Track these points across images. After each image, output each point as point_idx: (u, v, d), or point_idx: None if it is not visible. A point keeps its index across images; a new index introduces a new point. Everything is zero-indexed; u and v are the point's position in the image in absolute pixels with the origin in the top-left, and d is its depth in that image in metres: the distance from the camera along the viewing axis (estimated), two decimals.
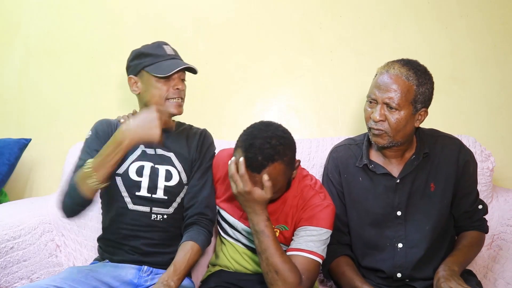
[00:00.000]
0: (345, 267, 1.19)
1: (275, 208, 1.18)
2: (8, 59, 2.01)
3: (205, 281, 1.29)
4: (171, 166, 1.28)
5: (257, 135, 1.04)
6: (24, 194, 1.99)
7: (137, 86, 1.27)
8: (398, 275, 1.17)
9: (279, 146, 1.03)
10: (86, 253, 1.56)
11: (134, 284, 1.20)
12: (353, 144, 1.31)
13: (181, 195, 1.29)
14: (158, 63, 1.24)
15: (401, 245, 1.18)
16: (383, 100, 1.12)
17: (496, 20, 1.73)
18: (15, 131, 1.98)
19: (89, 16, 1.94)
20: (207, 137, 1.38)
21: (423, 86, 1.12)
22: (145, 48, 1.28)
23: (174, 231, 1.28)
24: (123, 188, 1.24)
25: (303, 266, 1.05)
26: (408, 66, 1.13)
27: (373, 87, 1.16)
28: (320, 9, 1.81)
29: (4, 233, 1.32)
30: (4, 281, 1.30)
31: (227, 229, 1.30)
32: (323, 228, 1.10)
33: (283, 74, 1.83)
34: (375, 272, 1.21)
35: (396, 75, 1.12)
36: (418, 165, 1.19)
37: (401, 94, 1.10)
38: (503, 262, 1.27)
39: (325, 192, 1.19)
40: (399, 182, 1.19)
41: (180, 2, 1.89)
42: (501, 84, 1.72)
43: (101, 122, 1.31)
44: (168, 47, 1.30)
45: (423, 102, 1.13)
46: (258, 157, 1.01)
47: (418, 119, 1.15)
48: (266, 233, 1.03)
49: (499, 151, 1.67)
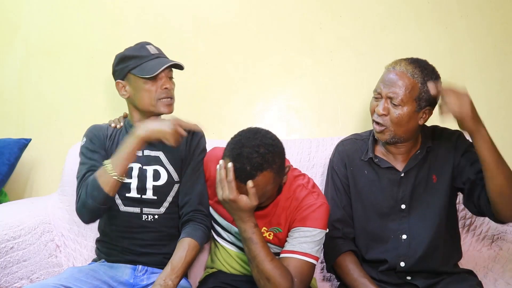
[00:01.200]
0: (350, 265, 1.20)
1: (268, 211, 1.17)
2: (8, 59, 2.01)
3: (203, 282, 1.29)
4: (159, 166, 1.27)
5: (245, 144, 1.01)
6: (24, 194, 1.99)
7: (125, 90, 1.26)
8: (401, 264, 1.18)
9: (268, 154, 1.00)
10: (86, 253, 1.56)
11: (130, 284, 1.20)
12: (359, 139, 1.33)
13: (172, 194, 1.28)
14: (143, 64, 1.22)
15: (405, 237, 1.19)
16: (387, 95, 1.15)
17: (496, 20, 1.73)
18: (15, 131, 1.98)
19: (89, 16, 1.94)
20: (196, 131, 1.35)
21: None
22: (128, 51, 1.26)
23: (167, 230, 1.27)
24: None
25: (296, 269, 1.04)
26: (415, 64, 1.15)
27: (379, 82, 1.19)
28: (320, 9, 1.81)
29: (4, 233, 1.32)
30: (4, 281, 1.30)
31: (221, 232, 1.29)
32: (316, 228, 1.09)
33: (283, 74, 1.83)
34: (378, 264, 1.22)
35: (402, 71, 1.14)
36: (421, 159, 1.21)
37: (405, 90, 1.12)
38: (503, 262, 1.28)
39: (318, 191, 1.18)
40: (403, 176, 1.21)
41: (180, 2, 1.88)
42: (501, 84, 1.72)
43: (93, 127, 1.33)
44: (151, 46, 1.28)
45: (427, 101, 1.14)
46: (247, 167, 0.98)
47: (422, 117, 1.16)
48: (254, 240, 1.01)
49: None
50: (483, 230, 1.43)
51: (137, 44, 1.29)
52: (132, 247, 1.24)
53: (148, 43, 1.29)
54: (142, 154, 1.28)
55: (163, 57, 1.28)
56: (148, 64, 1.22)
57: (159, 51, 1.29)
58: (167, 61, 1.24)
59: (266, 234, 1.18)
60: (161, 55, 1.28)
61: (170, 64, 1.23)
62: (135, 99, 1.26)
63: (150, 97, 1.23)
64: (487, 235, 1.41)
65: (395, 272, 1.20)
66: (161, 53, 1.29)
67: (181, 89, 1.87)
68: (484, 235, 1.42)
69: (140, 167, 1.26)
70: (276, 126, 1.84)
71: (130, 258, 1.24)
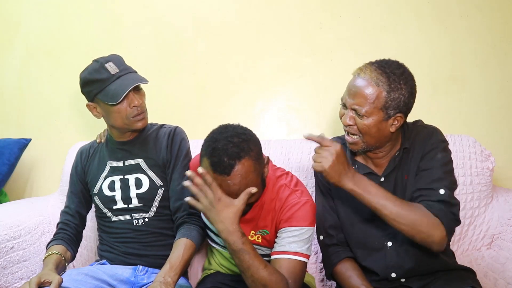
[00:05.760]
0: (347, 272, 1.17)
1: (253, 215, 1.16)
2: (8, 59, 2.01)
3: (201, 282, 1.29)
4: (141, 173, 1.29)
5: (217, 138, 1.00)
6: (24, 194, 1.99)
7: (97, 111, 1.26)
8: (392, 275, 1.15)
9: (242, 143, 0.99)
10: (86, 254, 1.56)
11: (131, 282, 1.22)
12: (340, 143, 1.29)
13: (158, 199, 1.29)
14: (106, 88, 1.18)
15: (391, 244, 1.16)
16: (351, 106, 1.10)
17: (496, 20, 1.73)
18: (15, 131, 1.98)
19: (89, 16, 1.94)
20: (177, 134, 1.33)
21: (396, 91, 1.06)
22: (90, 74, 1.20)
23: (160, 231, 1.29)
24: (102, 205, 1.31)
25: (288, 269, 1.04)
26: (381, 70, 1.08)
27: (346, 90, 1.14)
28: (320, 9, 1.81)
29: (4, 233, 1.33)
30: (4, 281, 1.30)
31: (213, 237, 1.29)
32: (303, 227, 1.08)
33: (283, 74, 1.83)
34: (369, 274, 1.19)
35: (366, 80, 1.08)
36: (399, 161, 1.17)
37: (368, 101, 1.06)
38: (503, 262, 1.27)
39: (301, 188, 1.16)
40: (383, 181, 1.17)
41: (180, 2, 1.88)
42: (501, 84, 1.72)
43: (79, 152, 1.40)
44: (111, 63, 1.20)
45: (396, 108, 1.07)
46: (224, 158, 0.97)
47: (394, 124, 1.10)
48: (245, 250, 0.98)
49: (499, 151, 1.67)
50: (483, 230, 1.43)
51: (97, 62, 1.21)
52: (130, 250, 1.27)
53: (107, 60, 1.21)
54: (123, 164, 1.30)
55: (124, 74, 1.21)
56: (111, 88, 1.18)
57: (120, 67, 1.21)
58: (128, 83, 1.19)
59: (254, 237, 1.18)
60: (122, 72, 1.20)
61: (132, 87, 1.18)
62: (108, 120, 1.26)
63: (122, 117, 1.22)
64: (487, 235, 1.41)
65: (388, 281, 1.17)
66: (122, 69, 1.21)
67: (181, 89, 1.88)
68: (484, 234, 1.42)
69: (122, 178, 1.29)
70: (276, 126, 1.84)
71: (128, 261, 1.27)
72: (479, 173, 1.45)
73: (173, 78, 1.88)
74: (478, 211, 1.44)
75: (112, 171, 1.31)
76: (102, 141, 1.38)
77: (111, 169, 1.31)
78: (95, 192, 1.31)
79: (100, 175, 1.31)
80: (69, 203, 1.34)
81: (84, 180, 1.35)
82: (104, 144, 1.36)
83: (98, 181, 1.31)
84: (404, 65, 1.11)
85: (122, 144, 1.31)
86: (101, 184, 1.30)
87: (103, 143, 1.37)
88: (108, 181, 1.30)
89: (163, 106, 1.85)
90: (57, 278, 1.03)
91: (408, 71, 1.11)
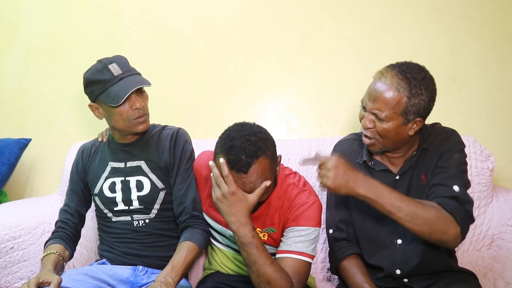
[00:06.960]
0: (353, 269, 1.18)
1: (260, 212, 1.16)
2: (8, 59, 2.01)
3: (202, 282, 1.29)
4: (142, 176, 1.28)
5: (234, 136, 1.01)
6: (24, 194, 1.99)
7: (99, 112, 1.25)
8: (397, 272, 1.17)
9: (260, 142, 1.00)
10: (86, 254, 1.56)
11: (130, 282, 1.22)
12: (357, 139, 1.31)
13: (159, 202, 1.29)
14: (108, 89, 1.17)
15: (400, 241, 1.17)
16: (371, 110, 1.10)
17: (496, 20, 1.73)
18: (15, 131, 1.98)
19: (89, 16, 1.94)
20: (180, 136, 1.32)
21: (416, 97, 1.07)
22: (92, 74, 1.19)
23: (160, 232, 1.29)
24: (102, 206, 1.31)
25: (293, 268, 1.04)
26: (402, 75, 1.07)
27: (366, 93, 1.14)
28: (320, 9, 1.81)
29: (4, 233, 1.33)
30: (4, 281, 1.30)
31: (216, 236, 1.29)
32: (310, 227, 1.09)
33: (283, 74, 1.83)
34: (375, 270, 1.21)
35: (386, 85, 1.07)
36: (416, 160, 1.18)
37: (388, 106, 1.07)
38: (503, 262, 1.27)
39: (309, 188, 1.17)
40: (398, 179, 1.19)
41: (180, 2, 1.88)
42: (501, 84, 1.72)
43: (80, 149, 1.39)
44: (114, 65, 1.19)
45: (416, 113, 1.08)
46: (242, 156, 0.97)
47: (413, 127, 1.11)
48: (254, 244, 0.98)
49: (499, 151, 1.67)
50: (483, 230, 1.43)
51: (100, 63, 1.20)
52: (130, 250, 1.27)
53: (111, 61, 1.20)
54: (124, 165, 1.30)
55: (127, 75, 1.20)
56: (113, 90, 1.17)
57: (124, 68, 1.20)
58: (131, 85, 1.18)
59: (260, 235, 1.18)
60: (125, 74, 1.20)
61: (134, 89, 1.18)
62: (110, 121, 1.26)
63: (123, 119, 1.22)
64: (487, 235, 1.41)
65: (392, 279, 1.19)
66: (125, 71, 1.20)
67: (181, 89, 1.88)
68: (484, 235, 1.42)
69: (123, 180, 1.29)
70: (276, 126, 1.84)
71: (128, 261, 1.27)
72: (479, 173, 1.45)
73: (173, 78, 1.88)
74: (478, 211, 1.44)
75: (113, 172, 1.30)
76: (104, 140, 1.37)
77: (112, 170, 1.31)
78: (95, 193, 1.31)
79: (101, 175, 1.31)
80: (69, 201, 1.34)
81: (84, 179, 1.35)
82: (106, 143, 1.36)
83: (98, 182, 1.31)
84: (425, 69, 1.12)
85: (124, 146, 1.31)
86: (102, 185, 1.30)
87: (105, 143, 1.37)
88: (109, 182, 1.30)
89: (163, 106, 1.85)
90: (56, 278, 1.04)
91: (429, 75, 1.11)
